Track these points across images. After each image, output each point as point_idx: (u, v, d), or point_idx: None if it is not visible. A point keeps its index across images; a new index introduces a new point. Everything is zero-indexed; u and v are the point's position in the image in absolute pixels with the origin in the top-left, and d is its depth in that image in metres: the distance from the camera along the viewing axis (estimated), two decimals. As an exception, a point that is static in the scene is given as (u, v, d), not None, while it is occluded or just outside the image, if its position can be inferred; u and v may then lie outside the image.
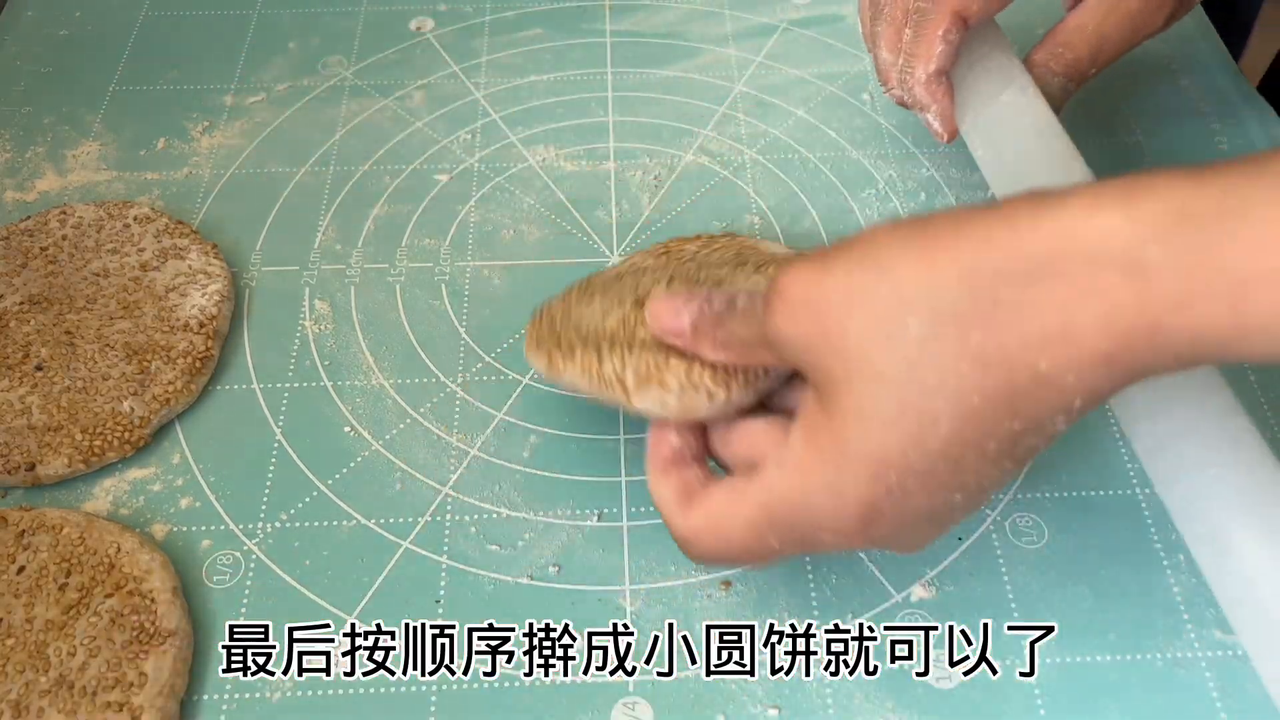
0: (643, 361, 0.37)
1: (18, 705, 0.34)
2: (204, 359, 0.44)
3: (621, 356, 0.37)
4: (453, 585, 0.38)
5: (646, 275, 0.41)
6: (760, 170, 0.52)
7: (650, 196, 0.51)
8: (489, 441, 0.43)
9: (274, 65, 0.58)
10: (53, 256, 0.47)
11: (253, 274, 0.48)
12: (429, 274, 0.48)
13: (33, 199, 0.52)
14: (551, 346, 0.39)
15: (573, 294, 0.42)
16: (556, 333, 0.39)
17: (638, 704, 0.36)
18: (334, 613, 0.38)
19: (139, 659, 0.35)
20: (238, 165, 0.53)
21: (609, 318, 0.39)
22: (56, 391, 0.42)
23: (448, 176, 0.53)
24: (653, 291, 0.38)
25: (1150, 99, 0.55)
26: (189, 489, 0.41)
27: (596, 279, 0.42)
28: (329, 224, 0.50)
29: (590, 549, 0.39)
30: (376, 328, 0.46)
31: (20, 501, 0.41)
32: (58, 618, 0.36)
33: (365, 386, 0.44)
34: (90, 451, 0.41)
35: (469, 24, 0.61)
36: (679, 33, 0.60)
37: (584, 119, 0.55)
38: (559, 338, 0.39)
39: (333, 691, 0.36)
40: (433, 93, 0.57)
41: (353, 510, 0.41)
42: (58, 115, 0.56)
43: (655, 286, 0.39)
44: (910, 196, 0.51)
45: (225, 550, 0.39)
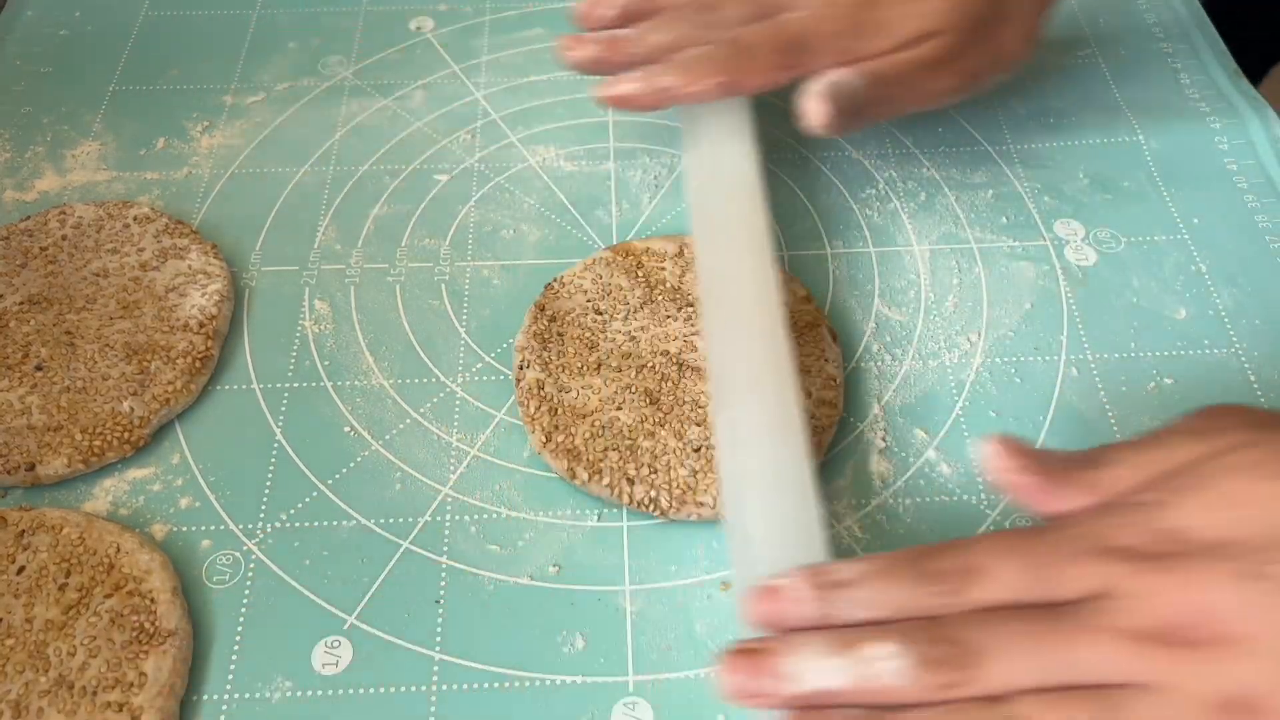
0: (676, 483, 0.38)
1: (17, 705, 0.34)
2: (204, 359, 0.44)
3: (651, 477, 0.39)
4: (453, 585, 0.38)
5: (640, 315, 0.42)
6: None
7: (650, 196, 0.51)
8: (489, 441, 0.43)
9: (274, 65, 0.58)
10: (52, 256, 0.47)
11: (253, 274, 0.48)
12: (429, 274, 0.48)
13: (32, 199, 0.52)
14: (570, 460, 0.40)
15: (552, 350, 0.42)
16: (568, 433, 0.40)
17: (638, 704, 0.36)
18: (334, 613, 0.38)
19: (139, 659, 0.35)
20: (238, 165, 0.53)
21: (623, 410, 0.40)
22: (56, 391, 0.42)
23: (448, 176, 0.52)
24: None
25: (1150, 99, 0.55)
26: (189, 489, 0.41)
27: (562, 315, 0.43)
28: (329, 224, 0.50)
29: (590, 549, 0.39)
30: (376, 328, 0.46)
31: (20, 501, 0.41)
32: (57, 618, 0.36)
33: (365, 386, 0.44)
34: (90, 451, 0.41)
35: (469, 24, 0.61)
36: (679, 33, 0.60)
37: (584, 119, 0.55)
38: (575, 449, 0.40)
39: (333, 691, 0.36)
40: (433, 93, 0.57)
41: (353, 510, 0.41)
42: (58, 115, 0.56)
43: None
44: (910, 196, 0.51)
45: (225, 550, 0.39)
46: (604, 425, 0.40)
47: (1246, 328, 0.45)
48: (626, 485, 0.39)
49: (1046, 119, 0.54)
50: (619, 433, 0.40)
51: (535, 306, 0.45)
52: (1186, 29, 0.59)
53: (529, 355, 0.43)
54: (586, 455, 0.40)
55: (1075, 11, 0.60)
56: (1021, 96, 0.56)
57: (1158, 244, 0.49)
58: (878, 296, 0.47)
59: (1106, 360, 0.44)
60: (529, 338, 0.43)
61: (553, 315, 0.44)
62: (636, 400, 0.41)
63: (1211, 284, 0.47)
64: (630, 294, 0.44)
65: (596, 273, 0.46)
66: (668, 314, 0.44)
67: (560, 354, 0.43)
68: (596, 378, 0.41)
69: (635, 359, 0.42)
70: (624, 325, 0.43)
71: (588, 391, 0.41)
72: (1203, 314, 0.46)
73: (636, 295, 0.44)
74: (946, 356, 0.45)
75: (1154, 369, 0.44)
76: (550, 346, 0.43)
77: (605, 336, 0.43)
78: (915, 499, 0.40)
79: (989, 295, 0.47)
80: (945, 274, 0.48)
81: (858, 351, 0.45)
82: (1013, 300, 0.47)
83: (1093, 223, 0.50)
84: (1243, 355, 0.44)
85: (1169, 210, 0.50)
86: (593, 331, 0.43)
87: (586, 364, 0.42)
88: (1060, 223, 0.50)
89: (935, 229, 0.50)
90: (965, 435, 0.42)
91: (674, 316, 0.44)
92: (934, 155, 0.53)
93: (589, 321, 0.43)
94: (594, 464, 0.39)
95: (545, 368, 0.42)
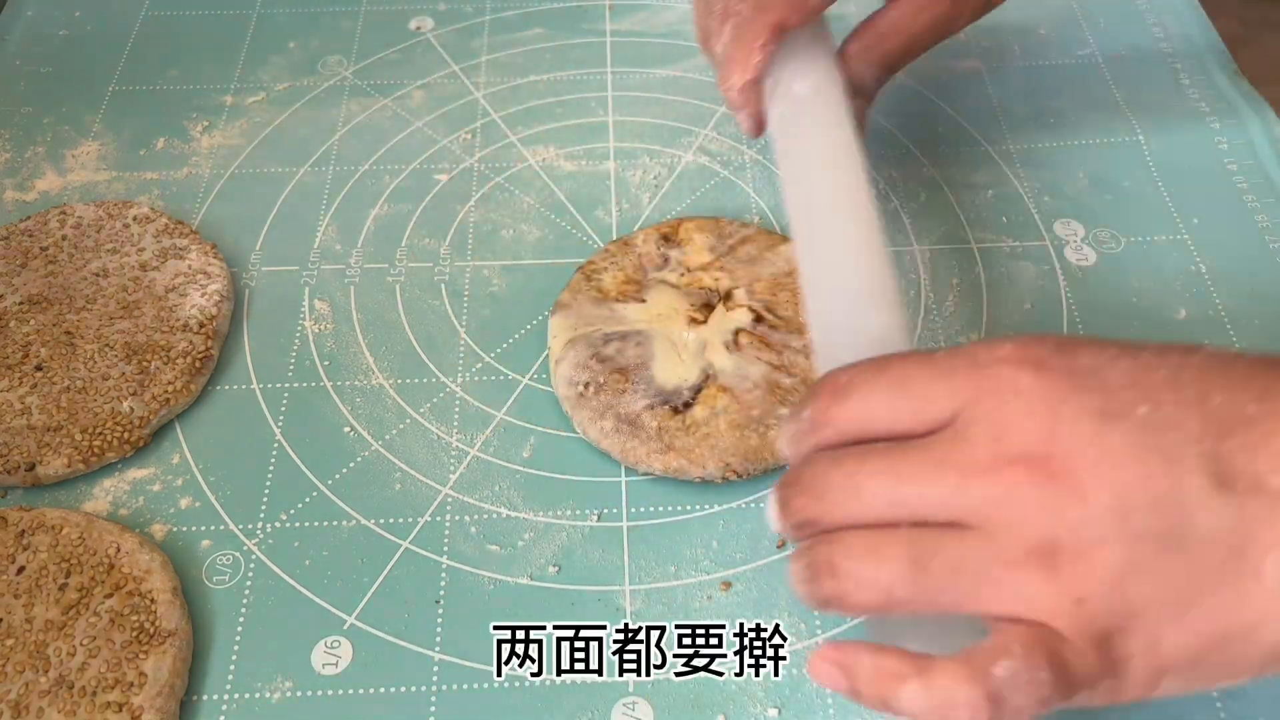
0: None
1: (18, 705, 0.34)
2: (204, 359, 0.44)
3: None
4: (453, 585, 0.38)
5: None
6: (760, 170, 0.52)
7: (650, 196, 0.51)
8: (489, 441, 0.43)
9: (274, 65, 0.58)
10: (52, 256, 0.47)
11: (253, 274, 0.48)
12: (429, 274, 0.48)
13: (32, 199, 0.52)
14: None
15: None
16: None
17: (638, 704, 0.36)
18: (334, 613, 0.38)
19: (139, 659, 0.35)
20: (238, 165, 0.53)
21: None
22: (56, 391, 0.42)
23: (447, 176, 0.52)
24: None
25: (1150, 99, 0.55)
26: (189, 489, 0.41)
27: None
28: (329, 224, 0.50)
29: (590, 549, 0.39)
30: (376, 328, 0.46)
31: (20, 501, 0.41)
32: (57, 618, 0.36)
33: (365, 386, 0.44)
34: (90, 451, 0.41)
35: (469, 24, 0.61)
36: (679, 33, 0.60)
37: (584, 119, 0.55)
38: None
39: (333, 691, 0.36)
40: (432, 93, 0.57)
41: (353, 510, 0.41)
42: (58, 115, 0.56)
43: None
44: (910, 196, 0.51)
45: (225, 550, 0.39)
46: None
47: (1246, 328, 0.45)
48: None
49: (1047, 119, 0.54)
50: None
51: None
52: (1187, 29, 0.59)
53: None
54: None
55: (1075, 12, 0.60)
56: (1021, 96, 0.56)
57: (1158, 244, 0.49)
58: (878, 296, 0.47)
59: (1106, 360, 0.44)
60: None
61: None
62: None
63: (1211, 284, 0.47)
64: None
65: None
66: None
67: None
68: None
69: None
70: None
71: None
72: (1203, 314, 0.46)
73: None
74: (946, 356, 0.45)
75: (1154, 369, 0.44)
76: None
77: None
78: (915, 499, 0.40)
79: (989, 295, 0.47)
80: (945, 274, 0.48)
81: (858, 351, 0.45)
82: (1013, 300, 0.47)
83: (1093, 223, 0.50)
84: (1243, 355, 0.44)
85: (1169, 210, 0.50)
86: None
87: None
88: (1060, 223, 0.50)
89: (935, 229, 0.50)
90: (965, 435, 0.42)
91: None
92: (934, 155, 0.53)
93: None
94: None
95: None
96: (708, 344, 0.43)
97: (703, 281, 0.45)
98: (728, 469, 0.40)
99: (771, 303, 0.44)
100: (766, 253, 0.46)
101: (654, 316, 0.44)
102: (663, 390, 0.41)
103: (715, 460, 0.40)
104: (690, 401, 0.41)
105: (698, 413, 0.41)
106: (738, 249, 0.47)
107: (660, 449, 0.40)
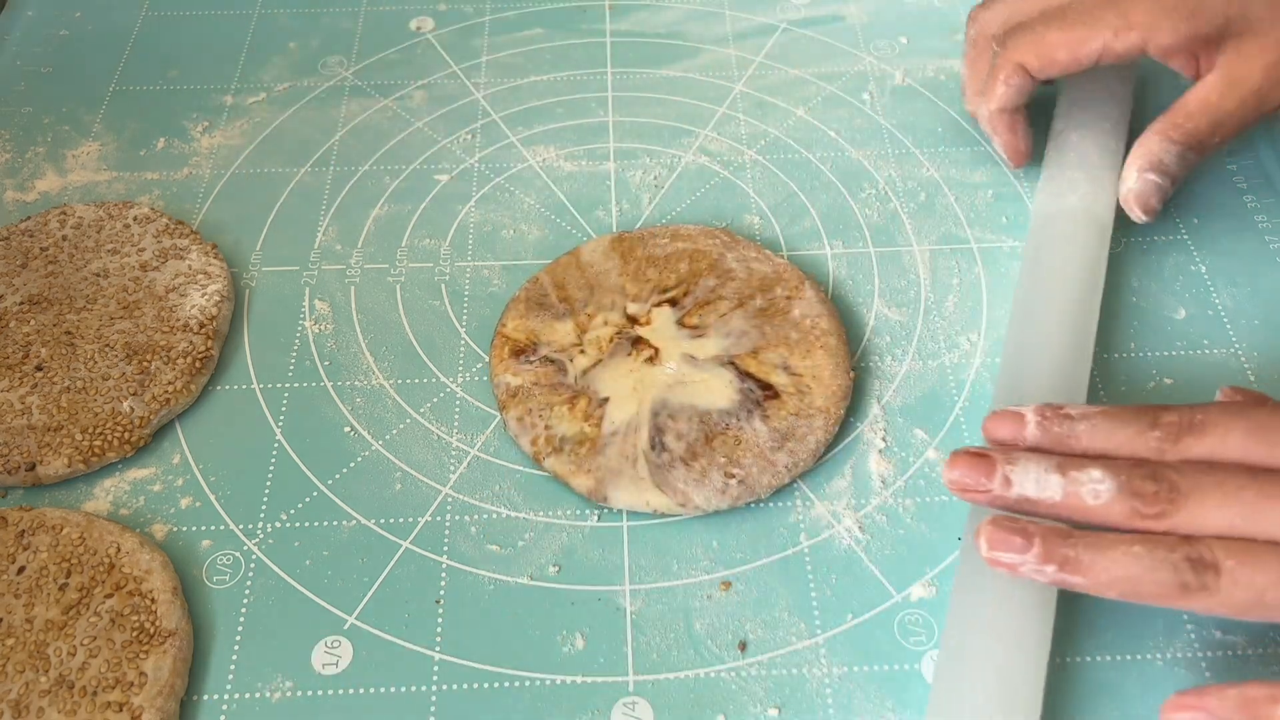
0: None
1: (18, 705, 0.34)
2: (204, 359, 0.44)
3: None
4: (453, 585, 0.39)
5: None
6: (760, 170, 0.52)
7: (650, 196, 0.51)
8: (489, 441, 0.43)
9: (274, 65, 0.58)
10: (53, 257, 0.47)
11: (253, 274, 0.48)
12: (429, 274, 0.48)
13: (33, 199, 0.52)
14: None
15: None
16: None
17: (638, 704, 0.36)
18: (334, 613, 0.38)
19: (139, 659, 0.35)
20: (238, 165, 0.53)
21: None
22: (56, 391, 0.42)
23: (448, 176, 0.53)
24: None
25: (1151, 99, 0.55)
26: (189, 489, 0.41)
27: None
28: (329, 224, 0.50)
29: (590, 549, 0.39)
30: (376, 328, 0.46)
31: (20, 501, 0.41)
32: (58, 618, 0.36)
33: (365, 386, 0.44)
34: (90, 451, 0.41)
35: (469, 24, 0.61)
36: (679, 33, 0.60)
37: (584, 119, 0.55)
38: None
39: (333, 691, 0.36)
40: (433, 93, 0.57)
41: (353, 510, 0.41)
42: (58, 115, 0.56)
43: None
44: (910, 196, 0.51)
45: (225, 550, 0.39)
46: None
47: (1246, 328, 0.45)
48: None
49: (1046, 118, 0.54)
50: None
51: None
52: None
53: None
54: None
55: (1075, 11, 0.60)
56: (1021, 96, 0.55)
57: (1158, 244, 0.49)
58: (878, 296, 0.47)
59: (1106, 360, 0.44)
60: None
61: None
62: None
63: (1211, 284, 0.47)
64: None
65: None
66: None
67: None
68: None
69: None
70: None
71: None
72: (1203, 314, 0.46)
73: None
74: (946, 356, 0.45)
75: (1154, 369, 0.44)
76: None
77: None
78: (915, 499, 0.40)
79: (989, 295, 0.47)
80: (945, 274, 0.48)
81: (858, 352, 0.45)
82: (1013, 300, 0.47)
83: (1093, 223, 0.50)
84: (1243, 355, 0.44)
85: (1169, 210, 0.50)
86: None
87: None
88: (1060, 223, 0.50)
89: (935, 229, 0.50)
90: (965, 435, 0.42)
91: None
92: (934, 155, 0.53)
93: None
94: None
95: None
96: (645, 379, 0.42)
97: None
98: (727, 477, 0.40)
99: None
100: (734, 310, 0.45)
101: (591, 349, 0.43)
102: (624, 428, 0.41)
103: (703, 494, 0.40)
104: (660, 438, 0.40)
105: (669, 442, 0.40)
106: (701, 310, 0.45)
107: (650, 486, 0.40)
